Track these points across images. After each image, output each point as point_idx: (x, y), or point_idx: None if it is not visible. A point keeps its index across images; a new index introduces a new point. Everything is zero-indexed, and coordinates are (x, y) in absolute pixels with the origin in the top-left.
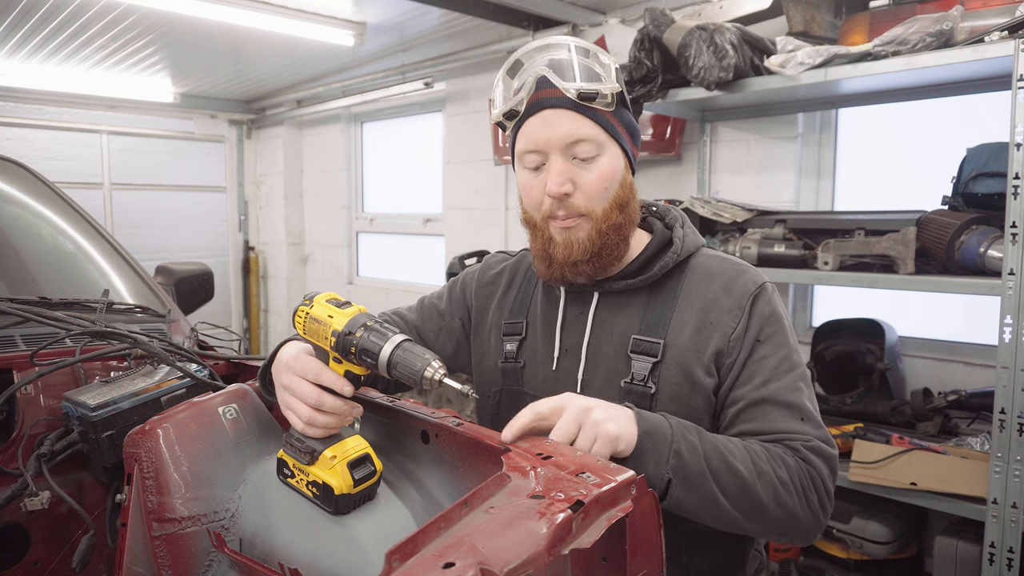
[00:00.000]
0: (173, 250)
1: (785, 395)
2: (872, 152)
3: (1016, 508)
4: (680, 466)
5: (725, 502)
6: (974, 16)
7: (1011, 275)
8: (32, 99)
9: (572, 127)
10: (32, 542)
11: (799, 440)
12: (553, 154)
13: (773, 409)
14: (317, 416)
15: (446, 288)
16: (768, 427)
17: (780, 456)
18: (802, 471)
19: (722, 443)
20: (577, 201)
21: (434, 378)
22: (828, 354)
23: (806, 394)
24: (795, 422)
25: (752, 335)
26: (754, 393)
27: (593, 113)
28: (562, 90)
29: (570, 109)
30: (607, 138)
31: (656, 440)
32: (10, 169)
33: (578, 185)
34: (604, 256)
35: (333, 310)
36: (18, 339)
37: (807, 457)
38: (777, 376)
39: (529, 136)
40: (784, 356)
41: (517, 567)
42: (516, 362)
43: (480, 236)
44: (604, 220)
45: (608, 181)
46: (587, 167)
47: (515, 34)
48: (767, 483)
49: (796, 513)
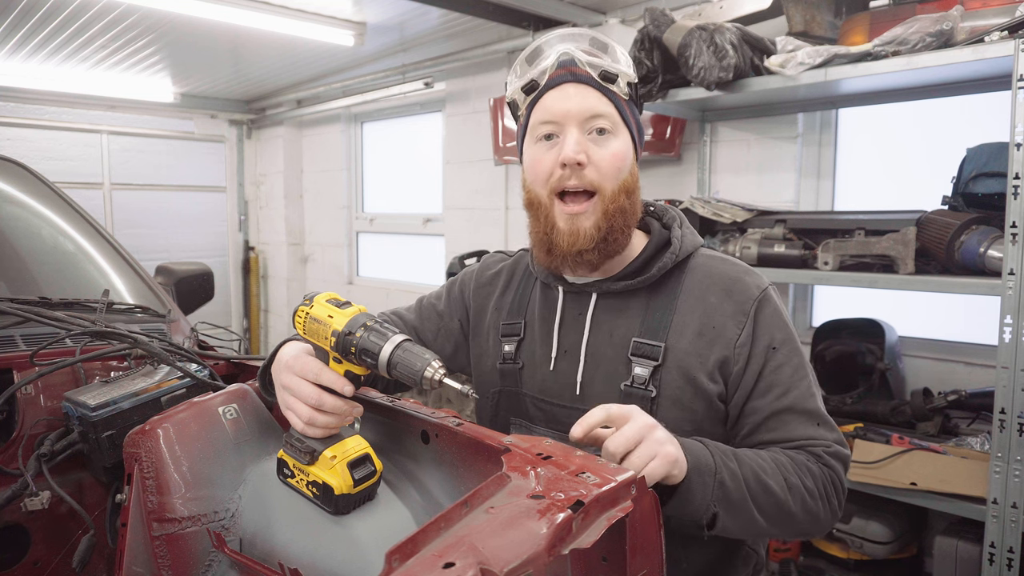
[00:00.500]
0: (173, 250)
1: (803, 403)
2: (872, 152)
3: (1016, 508)
4: (724, 496)
5: (762, 520)
6: (974, 16)
7: (1011, 275)
8: (32, 99)
9: (592, 101)
10: (32, 542)
11: (820, 446)
12: (570, 125)
13: (793, 418)
14: (317, 416)
15: (444, 288)
16: (789, 436)
17: (805, 465)
18: (824, 477)
19: (755, 462)
20: (589, 174)
21: (434, 378)
22: (828, 354)
23: (818, 397)
24: (813, 428)
25: (763, 343)
26: (775, 404)
27: (612, 95)
28: (586, 66)
29: (591, 86)
30: (621, 122)
31: (702, 472)
32: (10, 169)
33: (591, 159)
34: (610, 244)
35: (333, 310)
36: (18, 339)
37: (829, 463)
38: (795, 384)
39: (547, 108)
40: (798, 363)
41: (517, 567)
42: (514, 363)
43: (480, 236)
44: (613, 201)
45: (621, 162)
46: (602, 143)
47: (515, 34)
48: (797, 495)
49: (819, 517)
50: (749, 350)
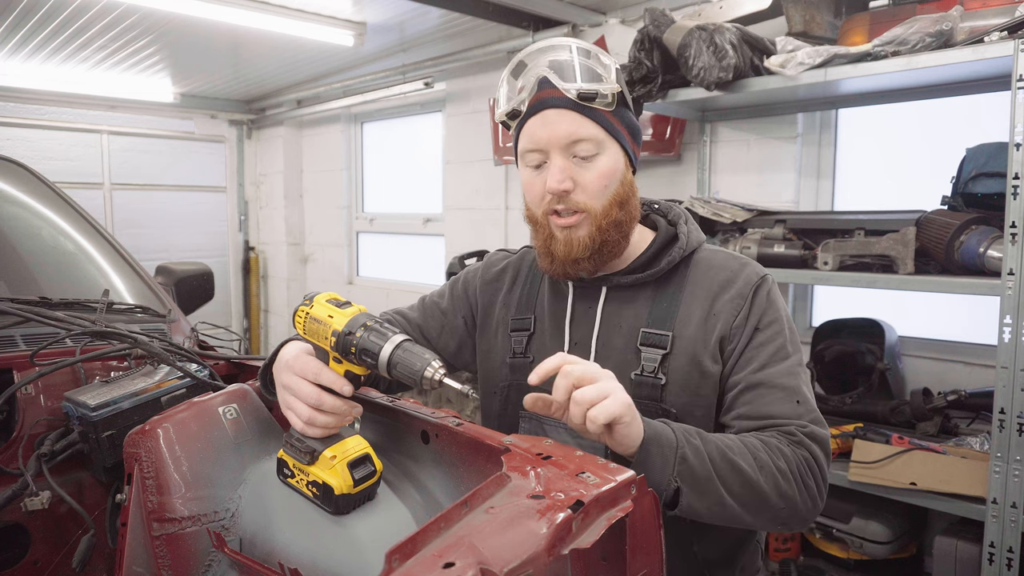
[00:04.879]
0: (173, 250)
1: (781, 379)
2: (872, 152)
3: (1016, 508)
4: (687, 471)
5: (731, 501)
6: (974, 16)
7: (1011, 275)
8: (32, 99)
9: (572, 127)
10: (32, 542)
11: (794, 424)
12: (554, 152)
13: (769, 392)
14: (317, 416)
15: (447, 286)
16: (764, 410)
17: (777, 447)
18: (799, 458)
19: (721, 441)
20: (577, 198)
21: (434, 378)
22: (828, 354)
23: (802, 378)
24: (791, 404)
25: (753, 322)
26: (752, 377)
27: (593, 113)
28: (562, 90)
29: (570, 109)
30: (607, 137)
31: (662, 445)
32: (10, 169)
33: (578, 183)
34: (605, 252)
35: (333, 310)
36: (18, 339)
37: (803, 442)
38: (774, 362)
39: (531, 135)
40: (781, 344)
41: (517, 567)
42: (525, 357)
43: (480, 236)
44: (604, 217)
45: (607, 179)
46: (587, 166)
47: (515, 34)
48: (768, 475)
49: (796, 501)
50: (743, 330)
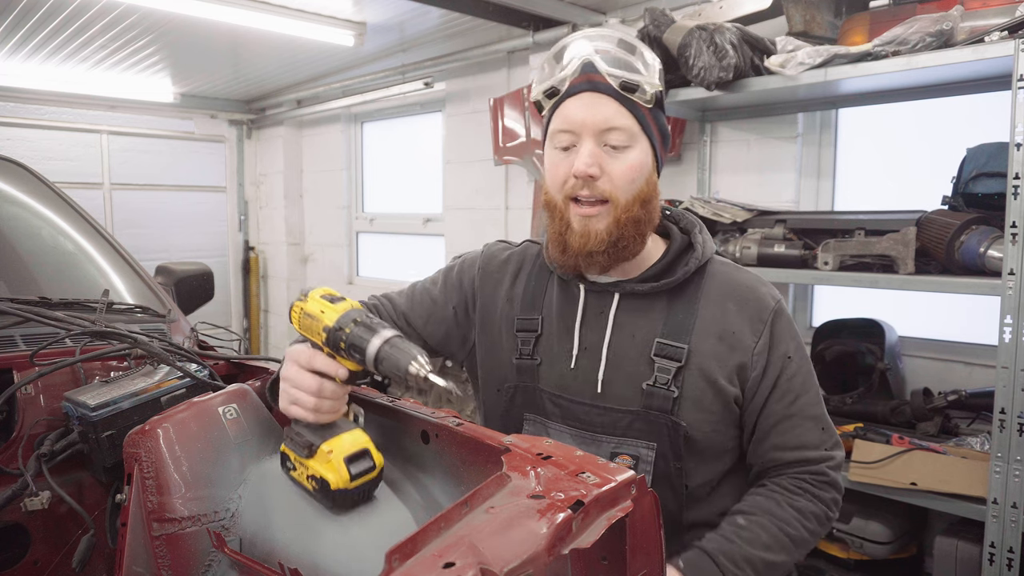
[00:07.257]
0: (173, 250)
1: (811, 409)
2: (872, 152)
3: (1016, 508)
4: None
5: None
6: (974, 16)
7: (1011, 275)
8: (32, 99)
9: (609, 113)
10: (32, 542)
11: (823, 460)
12: (586, 136)
13: (801, 423)
14: (323, 403)
15: (441, 273)
16: (796, 440)
17: (811, 511)
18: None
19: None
20: (603, 185)
21: (419, 374)
22: (828, 354)
23: (822, 402)
24: (818, 433)
25: (780, 352)
26: (787, 409)
27: (632, 105)
28: (606, 76)
29: (610, 96)
30: (640, 132)
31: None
32: (10, 169)
33: (605, 171)
34: (620, 249)
35: (326, 305)
36: (18, 339)
37: (833, 482)
38: (804, 391)
39: (565, 116)
40: (807, 371)
41: (517, 567)
42: (532, 359)
43: (480, 236)
44: (625, 211)
45: (636, 173)
46: (617, 156)
47: (515, 34)
48: (802, 546)
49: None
50: (766, 358)
